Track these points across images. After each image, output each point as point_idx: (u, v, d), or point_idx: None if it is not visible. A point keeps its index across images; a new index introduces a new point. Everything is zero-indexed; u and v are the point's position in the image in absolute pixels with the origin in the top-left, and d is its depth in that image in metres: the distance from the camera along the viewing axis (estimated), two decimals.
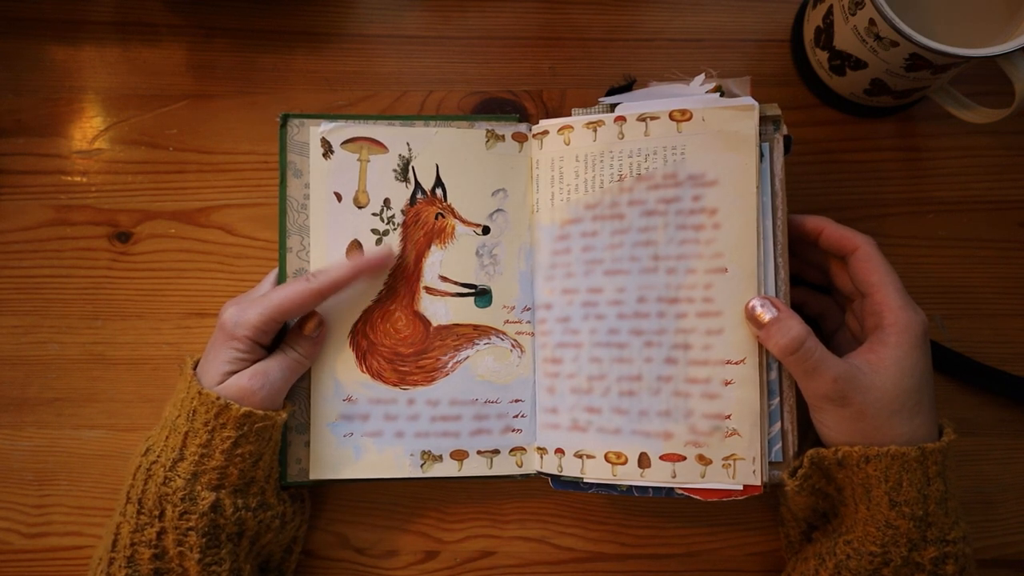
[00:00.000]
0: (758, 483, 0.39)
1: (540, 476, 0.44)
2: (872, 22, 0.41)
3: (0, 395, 0.48)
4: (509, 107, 0.50)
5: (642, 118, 0.42)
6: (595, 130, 0.43)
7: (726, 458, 0.39)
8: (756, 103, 0.40)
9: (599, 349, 0.42)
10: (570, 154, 0.43)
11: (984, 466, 0.47)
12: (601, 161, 0.43)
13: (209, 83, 0.51)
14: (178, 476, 0.38)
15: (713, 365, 0.40)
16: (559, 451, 0.43)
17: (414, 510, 0.47)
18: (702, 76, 0.42)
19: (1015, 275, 0.48)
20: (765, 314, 0.38)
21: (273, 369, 0.40)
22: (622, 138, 0.42)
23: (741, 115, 0.40)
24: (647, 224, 0.41)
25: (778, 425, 0.40)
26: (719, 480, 0.39)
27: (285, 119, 0.43)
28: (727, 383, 0.39)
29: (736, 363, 0.39)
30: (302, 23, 0.51)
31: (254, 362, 0.40)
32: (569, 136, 0.44)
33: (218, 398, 0.38)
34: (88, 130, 0.50)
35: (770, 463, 0.40)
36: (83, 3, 0.51)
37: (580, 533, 0.47)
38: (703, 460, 0.39)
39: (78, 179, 0.50)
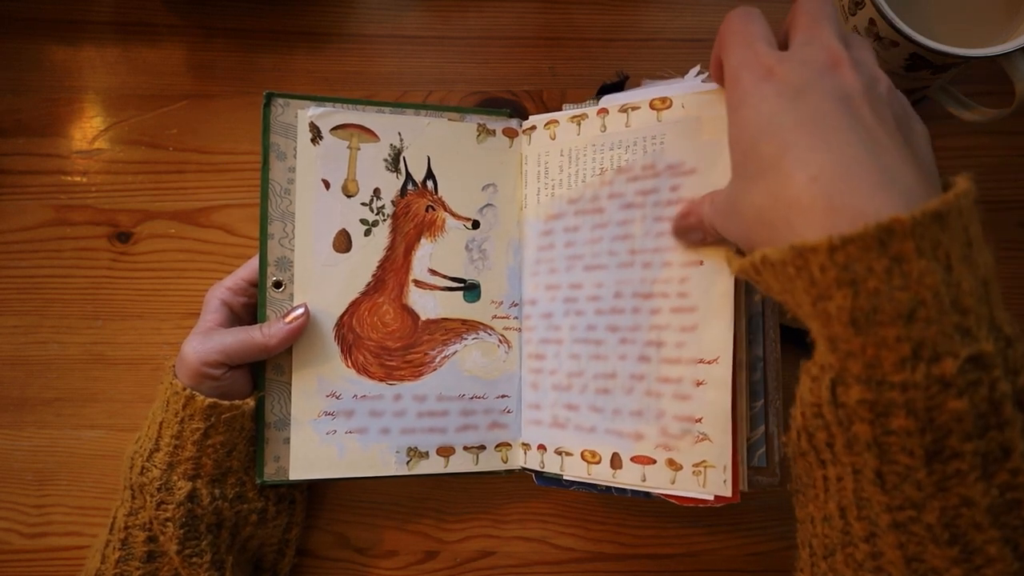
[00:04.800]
0: (728, 494, 0.36)
1: (524, 472, 0.44)
2: (872, 22, 0.41)
3: (0, 395, 0.48)
4: (509, 107, 0.50)
5: (623, 109, 0.41)
6: (579, 124, 0.42)
7: (696, 464, 0.36)
8: None
9: (578, 345, 0.41)
10: (555, 149, 0.43)
11: None
12: (584, 155, 0.42)
13: (209, 83, 0.51)
14: (154, 466, 0.39)
15: (685, 364, 0.37)
16: (541, 447, 0.42)
17: (414, 510, 0.47)
18: (697, 67, 0.40)
19: (1015, 275, 0.48)
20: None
21: (226, 336, 0.39)
22: (604, 131, 0.41)
23: (720, 98, 0.37)
24: (625, 217, 0.40)
25: (762, 428, 0.38)
26: (689, 488, 0.37)
27: (269, 98, 0.41)
28: (699, 384, 0.36)
29: (709, 362, 0.36)
30: (302, 23, 0.51)
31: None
32: (555, 131, 0.43)
33: (184, 388, 0.38)
34: (88, 130, 0.50)
35: (753, 468, 0.37)
36: (83, 3, 0.51)
37: (580, 533, 0.47)
38: (673, 465, 0.37)
39: (78, 179, 0.50)
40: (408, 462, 0.42)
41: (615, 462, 0.39)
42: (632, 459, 0.38)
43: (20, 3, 0.51)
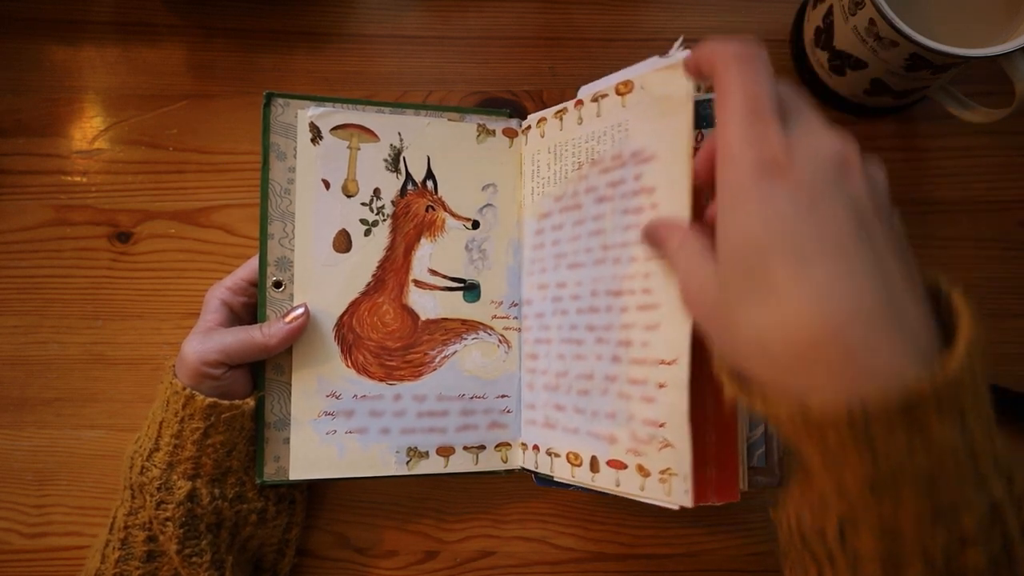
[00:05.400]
0: (689, 504, 0.33)
1: (524, 472, 0.44)
2: (872, 22, 0.41)
3: (0, 395, 0.48)
4: (509, 107, 0.50)
5: (595, 98, 0.39)
6: (561, 119, 0.42)
7: (662, 472, 0.34)
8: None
9: (563, 345, 0.40)
10: (544, 146, 0.43)
11: None
12: (566, 150, 0.41)
13: (209, 83, 0.51)
14: (154, 466, 0.39)
15: (650, 365, 0.35)
16: (535, 448, 0.42)
17: (414, 510, 0.47)
18: (681, 39, 0.35)
19: (1015, 275, 0.48)
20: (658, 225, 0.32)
21: (226, 336, 0.39)
22: (581, 123, 0.40)
23: (673, 75, 0.34)
24: (599, 212, 0.38)
25: (761, 428, 0.37)
26: (656, 495, 0.35)
27: (269, 98, 0.41)
28: (661, 386, 0.34)
29: (669, 363, 0.34)
30: (302, 23, 0.51)
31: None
32: (544, 128, 0.43)
33: (184, 388, 0.38)
34: (88, 130, 0.50)
35: (753, 468, 0.37)
36: (83, 3, 0.51)
37: (580, 533, 0.47)
38: (642, 471, 0.35)
39: (78, 179, 0.50)
40: (408, 462, 0.42)
41: (594, 465, 0.38)
42: (607, 463, 0.37)
43: (20, 3, 0.51)
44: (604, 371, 0.37)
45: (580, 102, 0.41)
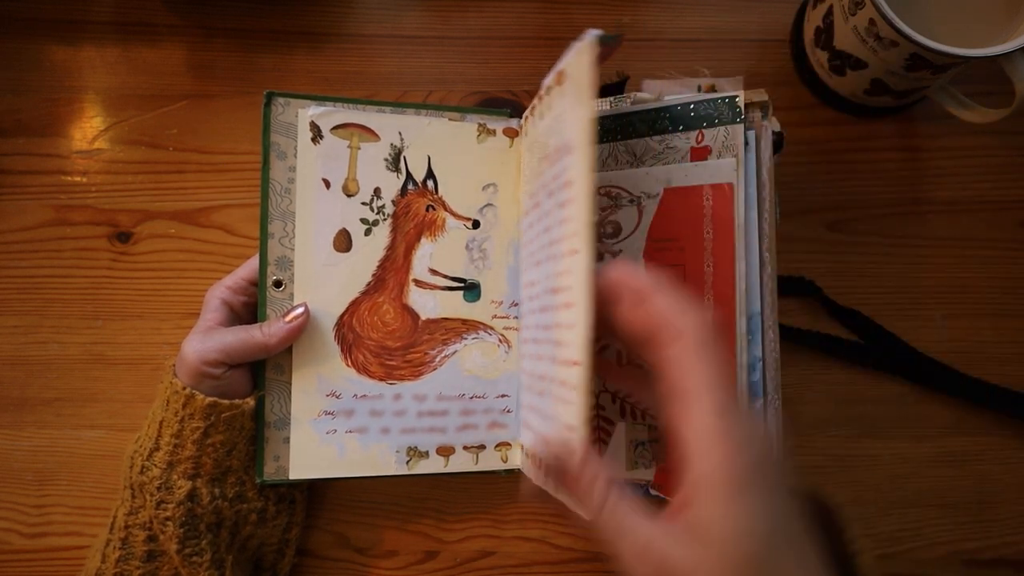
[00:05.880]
0: (589, 516, 0.31)
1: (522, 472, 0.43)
2: (872, 22, 0.41)
3: (0, 395, 0.48)
4: (509, 107, 0.50)
5: (547, 91, 0.38)
6: (533, 115, 0.41)
7: None
8: (593, 33, 0.32)
9: (531, 346, 0.41)
10: (526, 144, 0.43)
11: (984, 466, 0.47)
12: (534, 146, 0.41)
13: (209, 83, 0.51)
14: (154, 465, 0.39)
15: (568, 366, 0.32)
16: (521, 447, 0.42)
17: (414, 510, 0.47)
18: (619, 22, 0.34)
19: (1015, 275, 0.48)
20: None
21: (226, 335, 0.39)
22: (542, 118, 0.40)
23: (579, 60, 0.33)
24: (548, 207, 0.37)
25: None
26: (574, 502, 0.32)
27: (269, 97, 0.41)
28: (573, 388, 0.32)
29: (574, 364, 0.31)
30: (302, 23, 0.51)
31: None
32: (527, 127, 0.43)
33: (184, 387, 0.38)
34: (88, 130, 0.50)
35: None
36: (83, 3, 0.51)
37: (580, 533, 0.47)
38: None
39: (78, 179, 0.50)
40: (408, 462, 0.42)
41: (543, 468, 0.36)
42: None
43: (20, 3, 0.51)
44: (548, 372, 0.36)
45: (540, 96, 0.40)
